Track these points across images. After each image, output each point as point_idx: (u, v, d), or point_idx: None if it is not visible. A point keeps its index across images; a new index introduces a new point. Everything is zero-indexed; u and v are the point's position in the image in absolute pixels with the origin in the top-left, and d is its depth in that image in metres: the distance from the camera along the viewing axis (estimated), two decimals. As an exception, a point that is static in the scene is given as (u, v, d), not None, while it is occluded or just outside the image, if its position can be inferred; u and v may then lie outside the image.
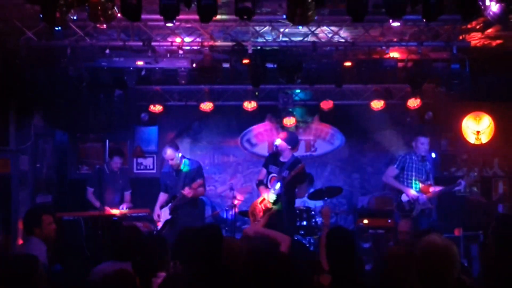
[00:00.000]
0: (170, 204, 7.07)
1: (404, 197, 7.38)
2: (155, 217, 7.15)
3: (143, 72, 7.30)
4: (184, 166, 7.12)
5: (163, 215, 7.11)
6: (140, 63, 7.07)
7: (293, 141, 7.07)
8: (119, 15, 5.30)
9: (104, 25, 5.41)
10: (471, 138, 9.52)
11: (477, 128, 9.51)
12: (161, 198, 7.30)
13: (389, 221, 8.03)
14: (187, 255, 3.73)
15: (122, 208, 7.74)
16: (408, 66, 7.32)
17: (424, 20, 5.50)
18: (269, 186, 6.92)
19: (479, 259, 7.15)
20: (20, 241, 6.77)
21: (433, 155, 8.29)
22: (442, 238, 3.08)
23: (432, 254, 2.95)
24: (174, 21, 5.33)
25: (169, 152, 7.03)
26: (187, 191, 6.84)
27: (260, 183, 7.11)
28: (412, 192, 7.33)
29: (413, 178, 7.41)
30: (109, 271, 2.78)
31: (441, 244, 2.98)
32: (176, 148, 7.12)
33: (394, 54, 7.57)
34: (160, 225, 7.05)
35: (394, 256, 3.53)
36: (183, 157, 7.21)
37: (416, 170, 7.40)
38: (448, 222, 8.46)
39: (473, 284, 3.37)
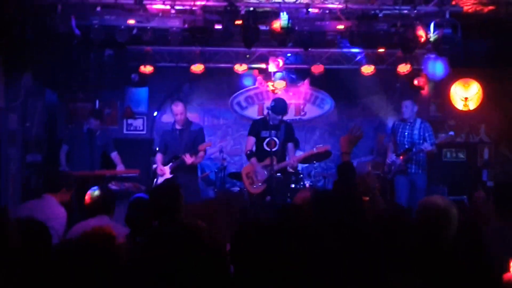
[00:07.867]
0: (171, 164, 7.10)
1: (386, 160, 7.79)
2: (159, 172, 7.16)
3: (134, 31, 7.20)
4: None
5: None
6: (131, 21, 6.98)
7: (283, 108, 7.09)
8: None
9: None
10: (459, 104, 9.60)
11: (465, 94, 9.60)
12: (159, 157, 7.29)
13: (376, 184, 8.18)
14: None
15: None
16: (401, 31, 7.31)
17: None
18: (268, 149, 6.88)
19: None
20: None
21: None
22: (443, 199, 3.17)
23: (432, 213, 3.05)
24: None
25: (181, 106, 7.11)
26: (188, 158, 6.84)
27: (251, 154, 7.08)
28: (390, 155, 7.65)
29: (398, 142, 7.64)
30: (87, 229, 2.69)
31: (442, 205, 3.07)
32: (185, 106, 7.25)
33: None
34: (159, 182, 7.04)
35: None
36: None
37: (401, 134, 7.61)
38: (434, 186, 8.64)
39: None
